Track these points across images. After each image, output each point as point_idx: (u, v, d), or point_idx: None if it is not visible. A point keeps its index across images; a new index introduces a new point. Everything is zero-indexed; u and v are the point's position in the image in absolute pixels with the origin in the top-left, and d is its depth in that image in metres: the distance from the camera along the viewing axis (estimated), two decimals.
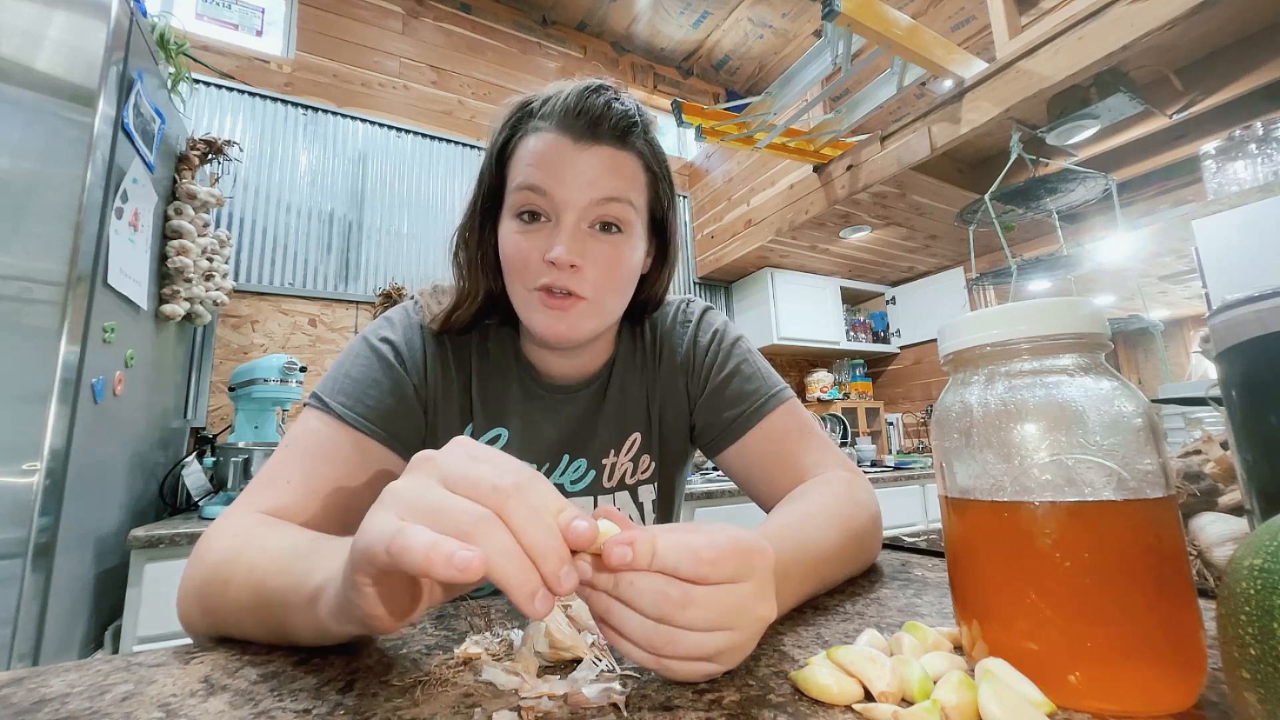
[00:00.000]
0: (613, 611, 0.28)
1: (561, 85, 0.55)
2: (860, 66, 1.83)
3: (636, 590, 0.28)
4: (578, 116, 0.52)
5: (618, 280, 0.56)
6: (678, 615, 0.27)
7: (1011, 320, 0.29)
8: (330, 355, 2.18)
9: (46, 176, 1.03)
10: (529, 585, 0.25)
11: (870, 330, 3.38)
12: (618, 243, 0.55)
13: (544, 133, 0.53)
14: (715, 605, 0.28)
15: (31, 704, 0.29)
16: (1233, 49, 1.66)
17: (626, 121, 0.54)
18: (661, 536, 0.28)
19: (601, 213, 0.53)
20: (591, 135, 0.53)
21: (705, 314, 0.70)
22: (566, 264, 0.52)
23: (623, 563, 0.27)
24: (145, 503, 1.41)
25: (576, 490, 0.65)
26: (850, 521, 0.49)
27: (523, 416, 0.63)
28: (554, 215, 0.53)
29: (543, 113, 0.54)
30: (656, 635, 0.27)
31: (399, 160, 2.47)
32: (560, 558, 0.26)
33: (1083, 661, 0.25)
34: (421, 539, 0.24)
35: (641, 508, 0.68)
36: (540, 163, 0.53)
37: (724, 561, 0.28)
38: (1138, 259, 2.15)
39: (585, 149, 0.52)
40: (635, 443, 0.67)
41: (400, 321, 0.62)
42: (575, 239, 0.53)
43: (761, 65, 3.51)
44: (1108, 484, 0.26)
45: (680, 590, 0.27)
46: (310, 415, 0.54)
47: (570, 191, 0.52)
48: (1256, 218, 1.44)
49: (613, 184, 0.53)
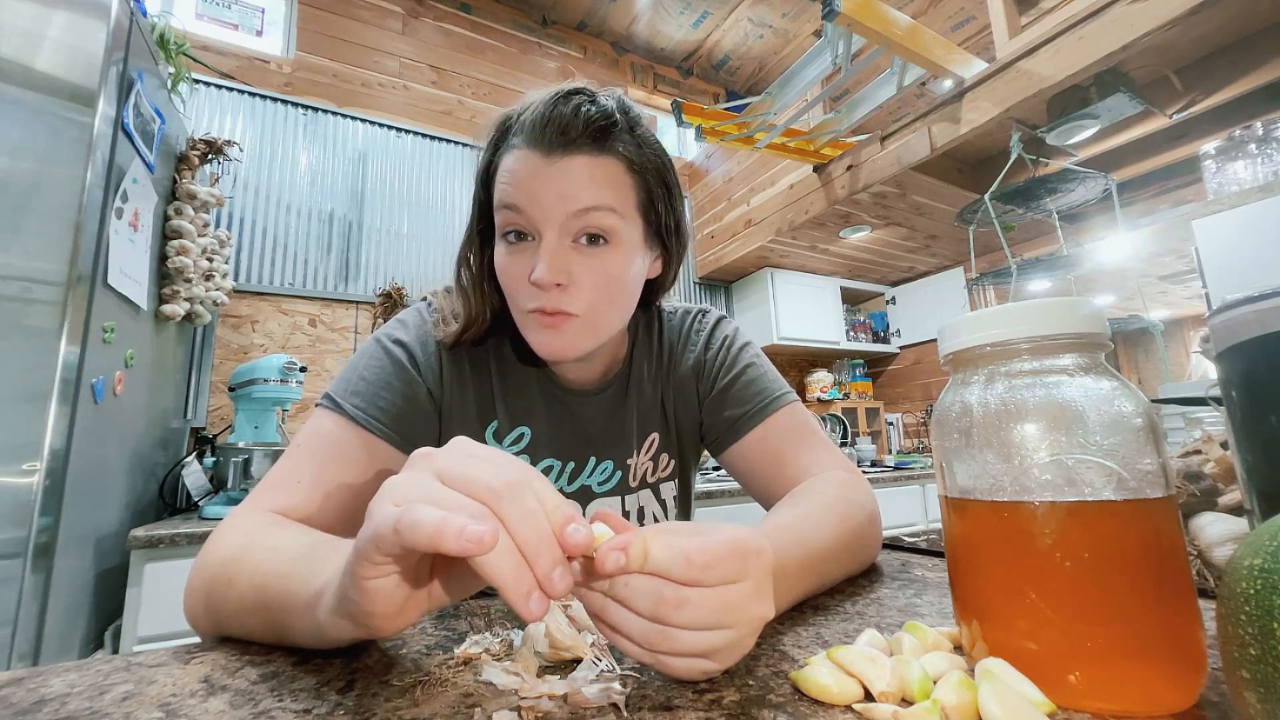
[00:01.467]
0: (609, 609, 0.28)
1: (534, 96, 0.52)
2: (860, 66, 1.83)
3: (632, 590, 0.28)
4: (545, 127, 0.50)
5: (611, 294, 0.54)
6: (673, 615, 0.27)
7: (1011, 320, 0.29)
8: (330, 355, 2.18)
9: (46, 176, 1.03)
10: (523, 585, 0.24)
11: (870, 330, 3.38)
12: (605, 255, 0.52)
13: (517, 149, 0.51)
14: (710, 605, 0.28)
15: (31, 704, 0.29)
16: (1233, 49, 1.66)
17: (601, 123, 0.50)
18: (655, 540, 0.28)
19: (583, 225, 0.51)
20: (562, 145, 0.50)
21: (719, 324, 0.71)
22: (550, 284, 0.50)
23: (617, 568, 0.27)
24: (145, 503, 1.41)
25: (604, 490, 0.65)
26: (846, 520, 0.49)
27: (546, 417, 0.63)
28: (535, 233, 0.51)
29: (516, 128, 0.52)
30: (653, 633, 0.27)
31: (399, 160, 2.46)
32: (553, 559, 0.26)
33: (1083, 661, 0.25)
34: (431, 514, 0.23)
35: (664, 504, 0.69)
36: (514, 181, 0.51)
37: (717, 565, 0.28)
38: (1138, 259, 2.15)
39: (555, 161, 0.50)
40: (654, 443, 0.68)
41: (414, 324, 0.61)
42: (557, 257, 0.50)
43: (761, 65, 3.51)
44: (1108, 484, 0.26)
45: (675, 591, 0.27)
46: (323, 416, 0.54)
47: (544, 209, 0.50)
48: (1256, 218, 1.44)
49: (591, 193, 0.50)
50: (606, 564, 0.27)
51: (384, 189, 2.41)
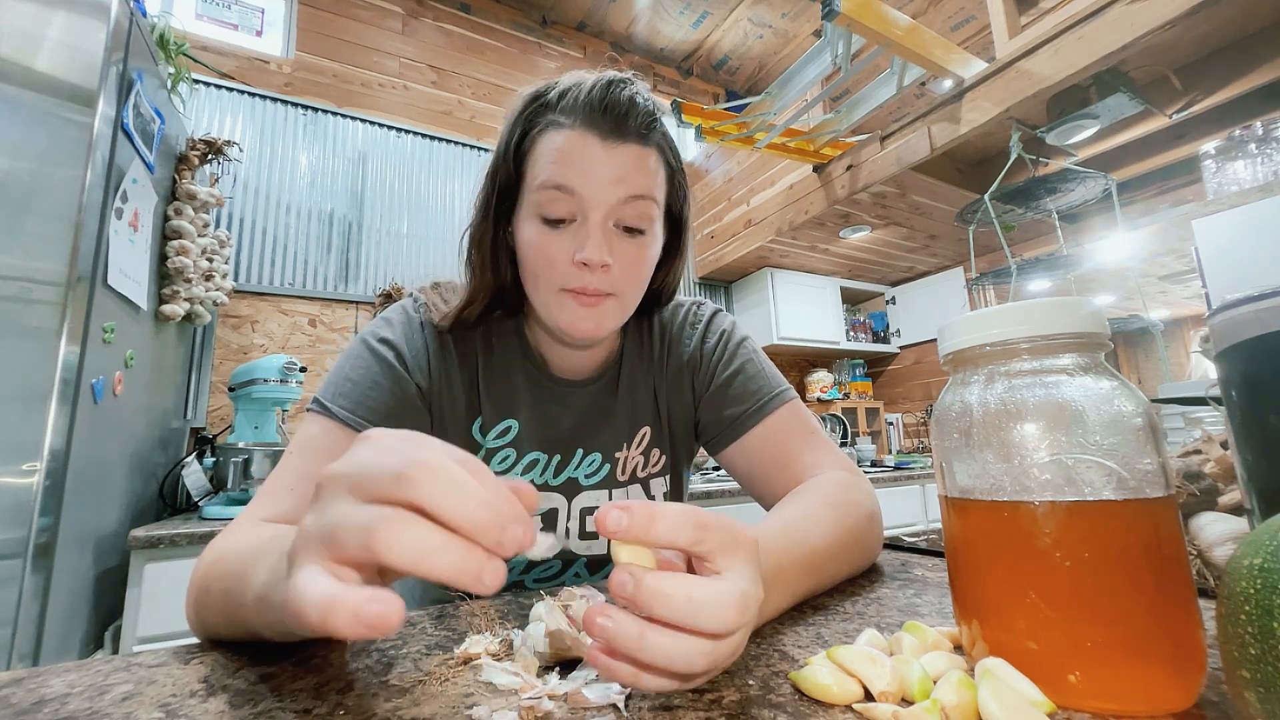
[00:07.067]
0: (647, 649, 0.24)
1: (580, 77, 0.53)
2: (860, 66, 1.82)
3: (655, 595, 0.24)
4: (604, 113, 0.51)
5: (641, 277, 0.57)
6: (703, 620, 0.25)
7: (1011, 320, 0.29)
8: (330, 355, 2.18)
9: (46, 176, 1.03)
10: (469, 570, 0.22)
11: (870, 330, 3.38)
12: (642, 241, 0.55)
13: (567, 129, 0.52)
14: (732, 595, 0.25)
15: (31, 704, 0.29)
16: (1232, 49, 1.66)
17: (653, 115, 0.53)
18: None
19: (628, 211, 0.53)
20: (618, 132, 0.51)
21: (715, 316, 0.70)
22: (599, 265, 0.52)
23: (618, 527, 0.25)
24: (145, 503, 1.41)
25: (591, 484, 0.65)
26: (845, 520, 0.49)
27: (532, 407, 0.63)
28: (580, 214, 0.52)
29: (563, 106, 0.52)
30: (703, 654, 0.25)
31: (399, 160, 2.46)
32: (495, 522, 0.22)
33: (1083, 661, 0.25)
34: (317, 594, 0.21)
35: (654, 501, 0.68)
36: (566, 160, 0.51)
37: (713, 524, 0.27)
38: (1138, 259, 2.15)
39: (614, 147, 0.51)
40: (646, 436, 0.67)
41: (399, 321, 0.61)
42: (604, 238, 0.52)
43: (761, 65, 3.51)
44: (1108, 484, 0.26)
45: (702, 587, 0.25)
46: (312, 420, 0.54)
47: (599, 190, 0.51)
48: (1256, 218, 1.44)
49: (640, 182, 0.52)
50: (607, 522, 0.25)
51: (384, 189, 2.40)
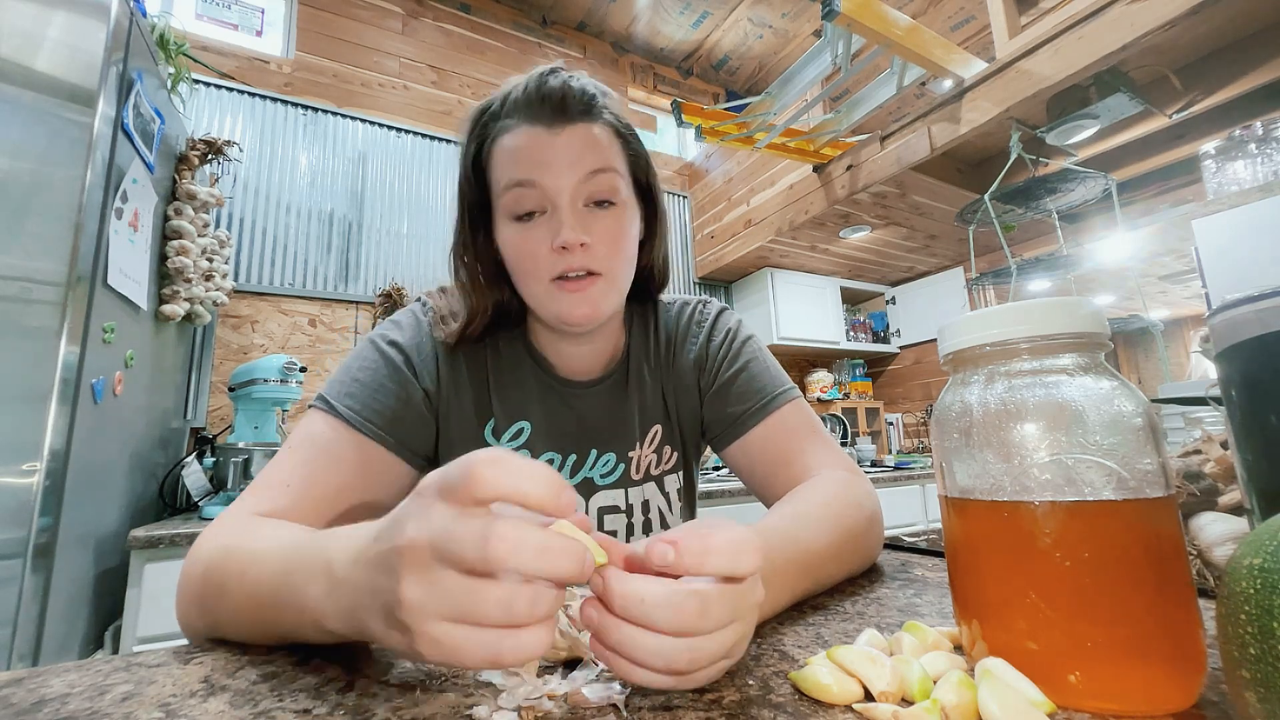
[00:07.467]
0: (624, 644, 0.26)
1: (514, 80, 0.56)
2: (860, 66, 1.83)
3: (649, 608, 0.25)
4: (543, 102, 0.53)
5: (624, 249, 0.57)
6: (698, 624, 0.26)
7: (1011, 320, 0.29)
8: (330, 355, 2.18)
9: (46, 176, 1.03)
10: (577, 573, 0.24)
11: (870, 330, 3.38)
12: (616, 214, 0.56)
13: (514, 128, 0.54)
14: (727, 603, 0.27)
15: (31, 704, 0.29)
16: (1232, 49, 1.66)
17: (591, 92, 0.55)
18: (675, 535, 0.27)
19: (593, 188, 0.54)
20: (562, 116, 0.54)
21: (720, 314, 0.71)
22: (576, 244, 0.53)
23: (664, 563, 0.26)
24: (145, 503, 1.41)
25: (606, 483, 0.65)
26: (844, 519, 0.49)
27: (543, 410, 0.63)
28: (549, 204, 0.54)
29: (506, 110, 0.55)
30: (681, 652, 0.26)
31: (399, 160, 2.46)
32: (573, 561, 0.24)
33: (1083, 661, 0.25)
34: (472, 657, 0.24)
35: (668, 497, 0.69)
36: (521, 157, 0.53)
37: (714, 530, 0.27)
38: (1138, 259, 2.15)
39: (559, 131, 0.53)
40: (657, 435, 0.68)
41: (409, 324, 0.61)
42: (577, 219, 0.53)
43: (761, 65, 3.51)
44: (1108, 484, 0.26)
45: (697, 599, 0.26)
46: (315, 417, 0.53)
47: (558, 176, 0.53)
48: (1256, 218, 1.44)
49: (594, 157, 0.54)
50: (653, 558, 0.26)
51: (384, 189, 2.40)
